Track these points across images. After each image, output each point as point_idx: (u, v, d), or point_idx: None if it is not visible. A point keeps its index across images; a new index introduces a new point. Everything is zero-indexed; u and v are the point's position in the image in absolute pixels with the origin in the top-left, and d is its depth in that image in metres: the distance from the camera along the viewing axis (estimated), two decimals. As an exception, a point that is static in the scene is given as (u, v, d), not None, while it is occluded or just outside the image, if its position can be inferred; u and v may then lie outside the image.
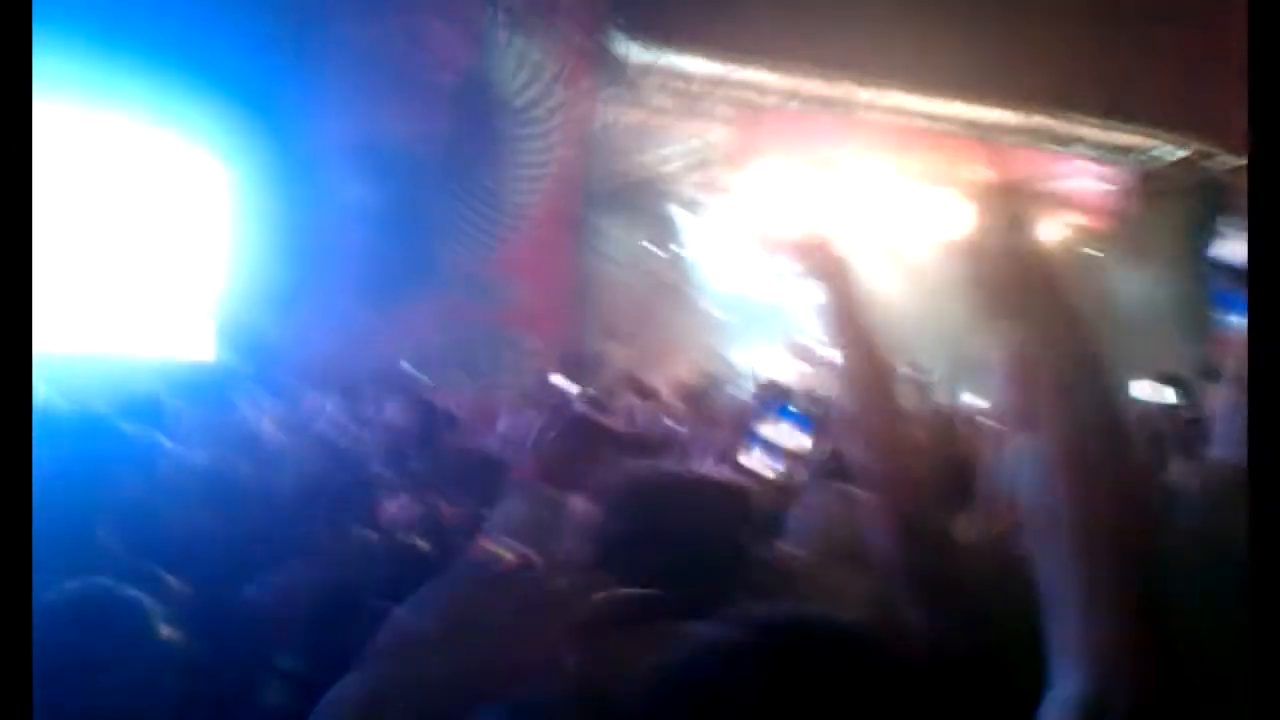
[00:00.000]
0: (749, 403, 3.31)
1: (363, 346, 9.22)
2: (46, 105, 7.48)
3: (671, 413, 5.93)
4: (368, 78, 10.26)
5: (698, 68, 12.08)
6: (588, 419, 4.65)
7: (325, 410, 6.36)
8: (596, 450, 4.12)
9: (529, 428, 5.21)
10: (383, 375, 6.95)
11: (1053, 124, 14.03)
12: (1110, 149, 14.51)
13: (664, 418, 5.72)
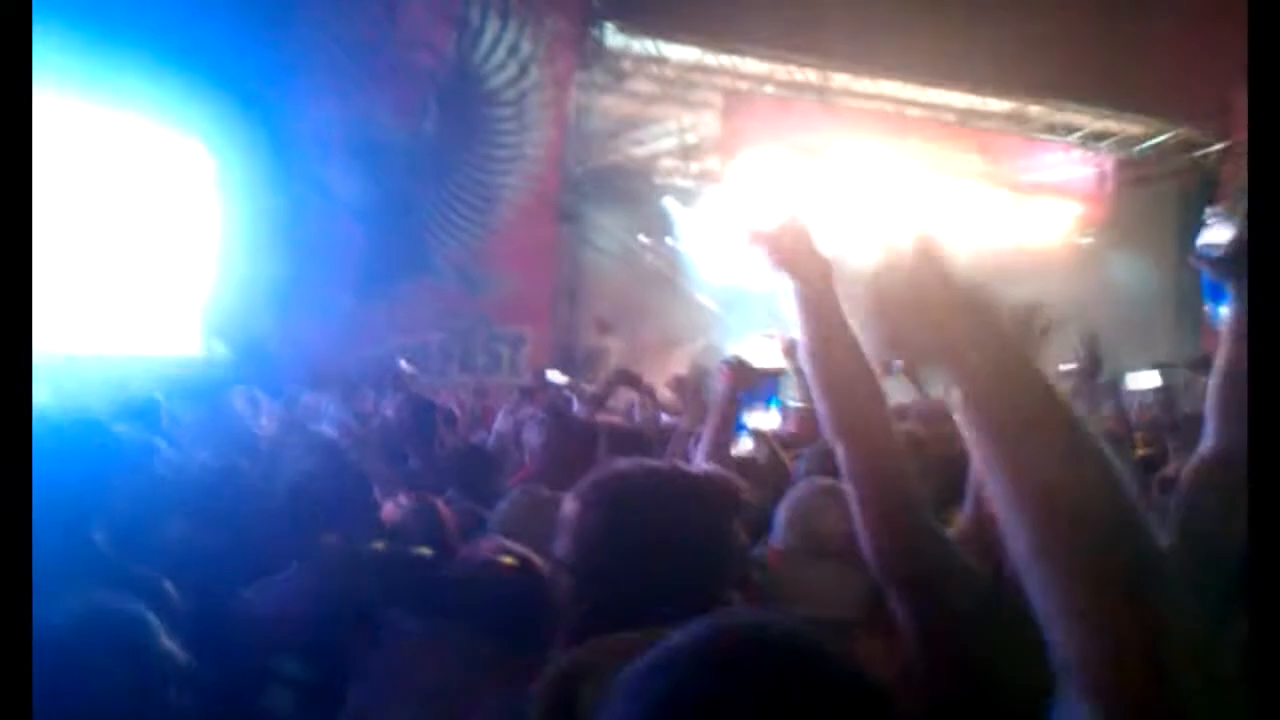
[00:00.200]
0: (735, 393, 3.27)
1: (356, 342, 9.20)
2: (35, 101, 7.45)
3: (667, 406, 5.91)
4: (351, 66, 10.22)
5: (683, 54, 12.05)
6: (588, 419, 4.65)
7: (321, 408, 6.33)
8: (594, 447, 4.13)
9: (526, 425, 5.20)
10: (378, 372, 6.93)
11: (1042, 111, 14.04)
12: (1100, 136, 14.52)
13: (660, 412, 5.71)
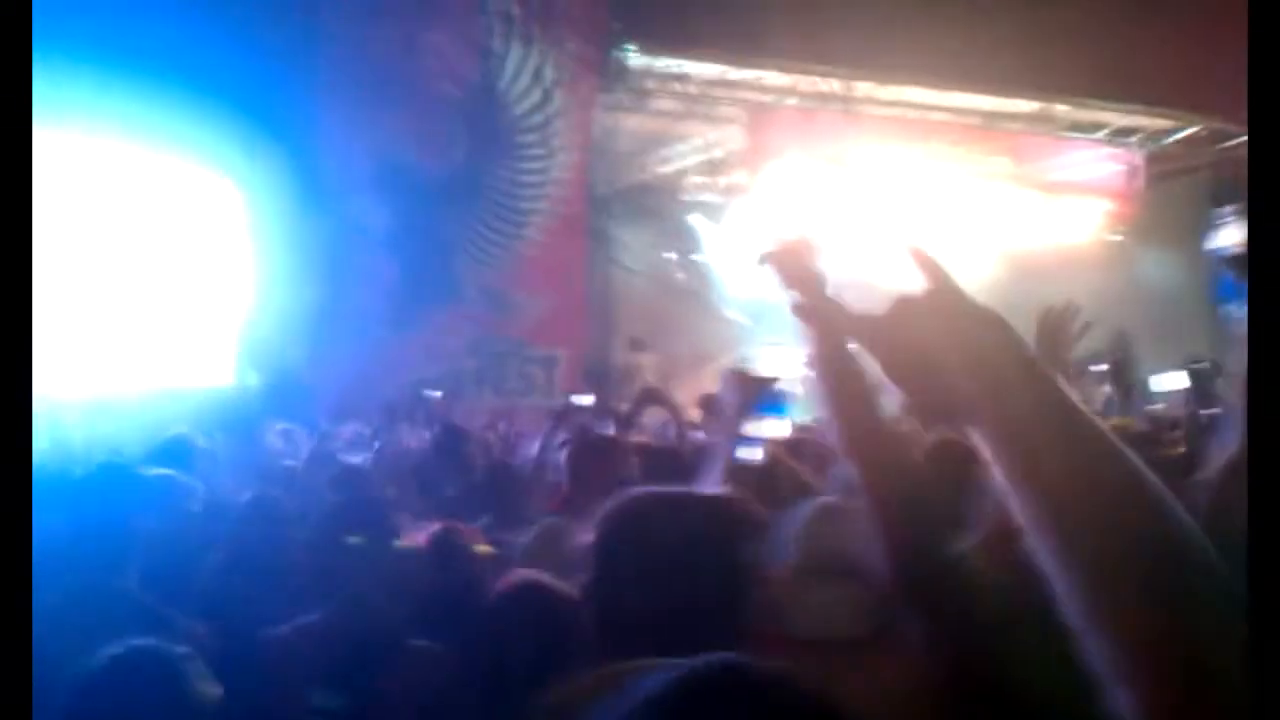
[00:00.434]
0: (744, 405, 3.21)
1: (389, 371, 9.21)
2: (62, 136, 7.55)
3: (698, 424, 5.88)
4: (377, 98, 10.27)
5: (705, 70, 12.04)
6: (616, 440, 4.62)
7: (353, 438, 6.34)
8: (624, 470, 4.09)
9: (558, 450, 5.18)
10: (411, 401, 6.93)
11: (1068, 109, 13.93)
12: (1127, 132, 14.39)
13: (691, 430, 5.67)
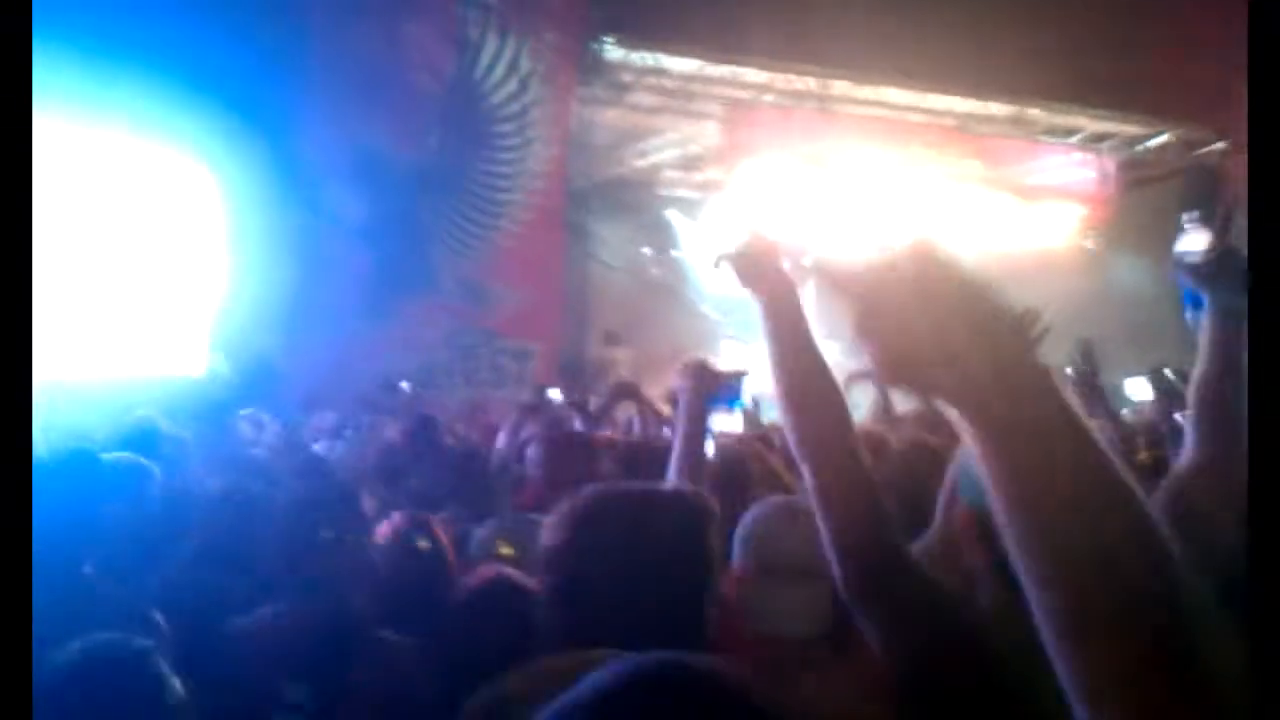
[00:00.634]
0: (700, 399, 3.21)
1: (362, 360, 9.18)
2: (37, 123, 7.46)
3: (668, 419, 5.89)
4: (353, 89, 10.22)
5: (683, 65, 12.03)
6: (587, 437, 4.63)
7: (325, 428, 6.33)
8: (596, 465, 4.11)
9: (528, 444, 5.18)
10: (378, 391, 6.92)
11: (1043, 114, 14.01)
12: (1101, 137, 14.48)
13: (664, 424, 5.68)
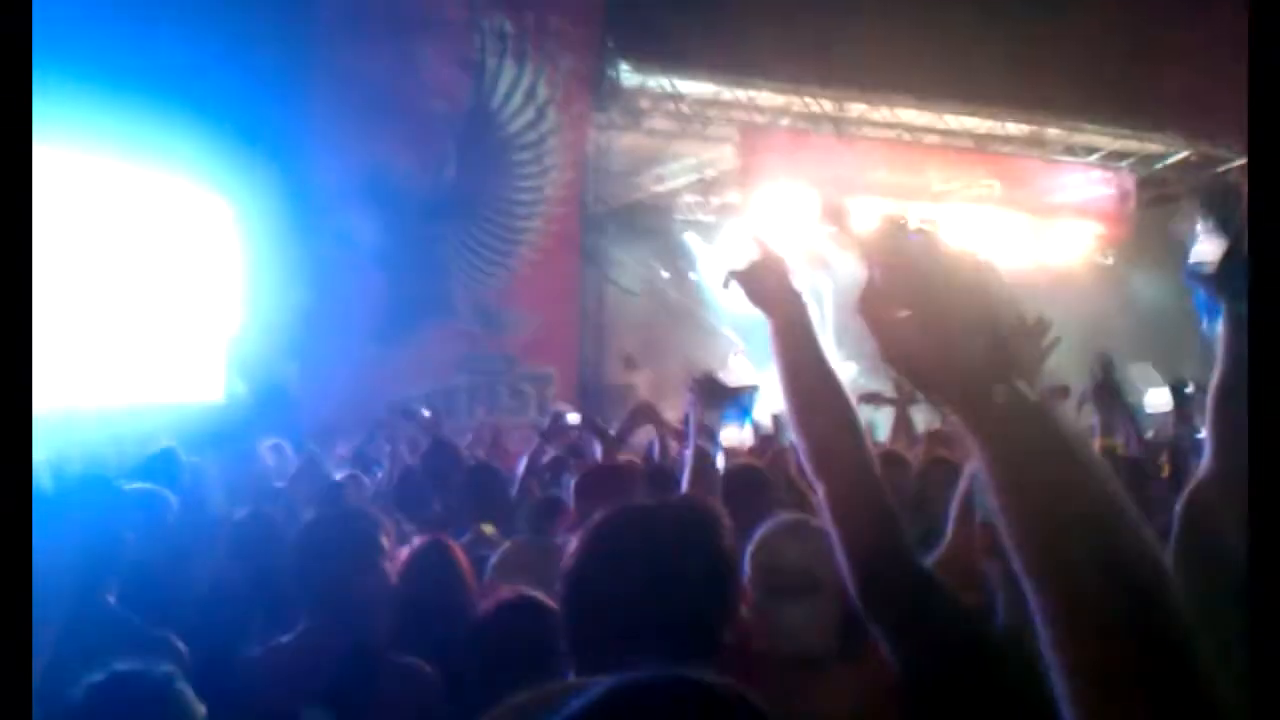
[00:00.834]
0: (709, 413, 3.21)
1: (381, 388, 9.18)
2: (51, 151, 7.50)
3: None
4: (370, 116, 10.26)
5: (698, 90, 12.06)
6: (623, 465, 4.60)
7: (344, 455, 6.32)
8: (632, 492, 4.07)
9: (549, 468, 5.16)
10: (398, 418, 6.90)
11: (1060, 133, 13.98)
12: (1119, 155, 14.44)
13: (684, 448, 5.64)
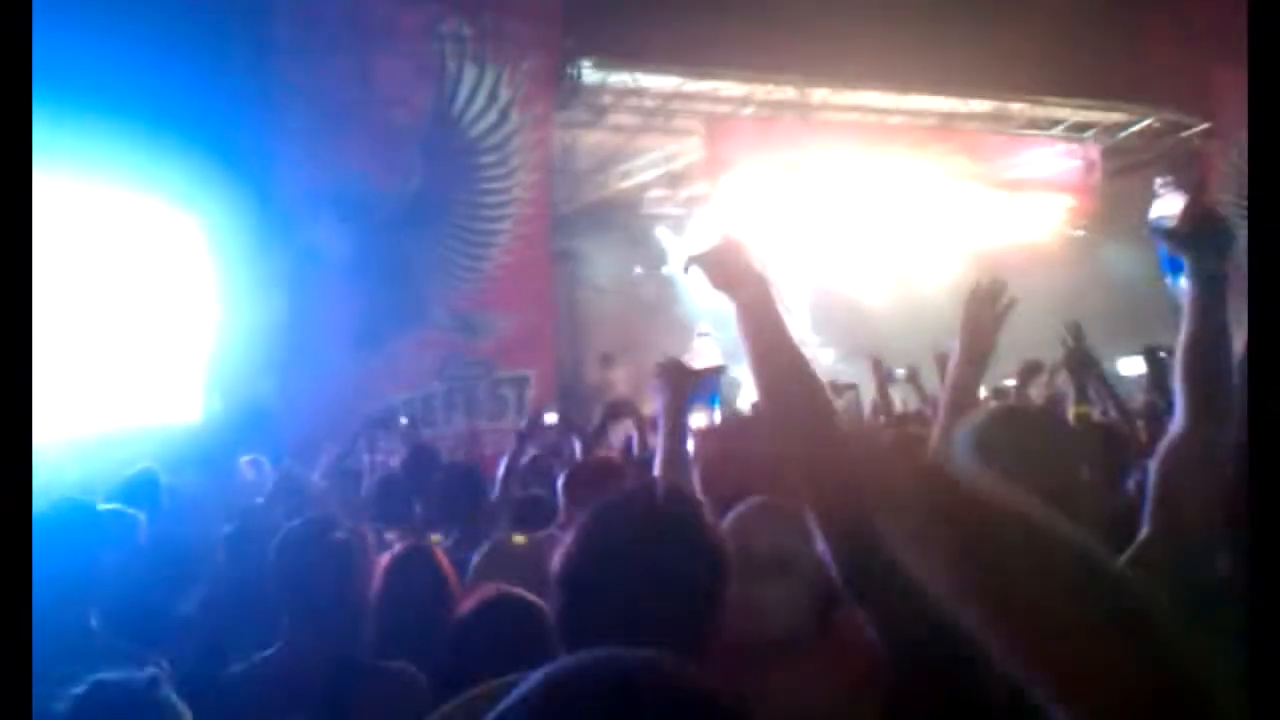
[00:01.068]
0: (678, 397, 3.21)
1: (358, 399, 9.16)
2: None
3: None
4: (329, 126, 10.22)
5: (661, 84, 12.07)
6: (611, 462, 4.61)
7: (323, 466, 6.32)
8: (610, 483, 4.09)
9: (529, 468, 5.17)
10: (379, 425, 6.91)
11: (1023, 107, 14.05)
12: (1083, 127, 14.52)
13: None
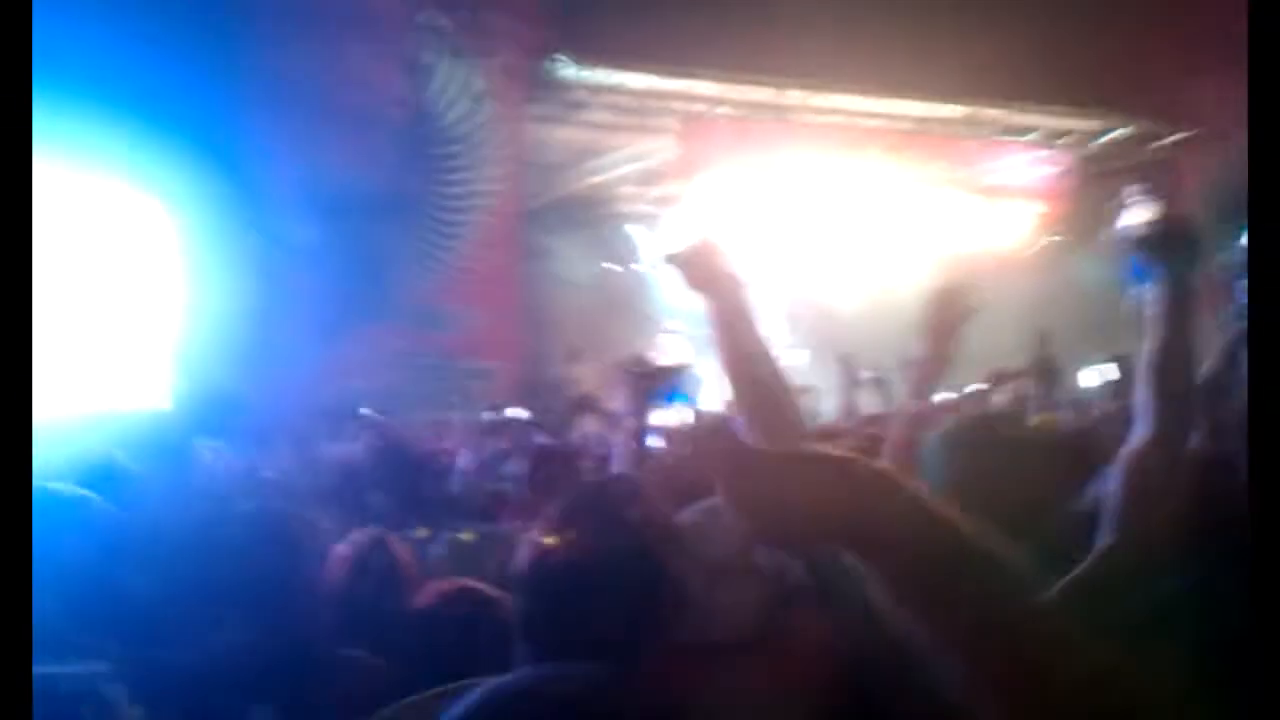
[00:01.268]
0: (641, 395, 3.21)
1: (323, 387, 9.10)
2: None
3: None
4: (301, 113, 10.15)
5: (636, 81, 12.07)
6: (570, 450, 4.61)
7: (284, 454, 6.25)
8: (563, 482, 4.08)
9: (495, 461, 5.15)
10: (342, 416, 6.86)
11: (999, 113, 14.12)
12: (1057, 134, 14.62)
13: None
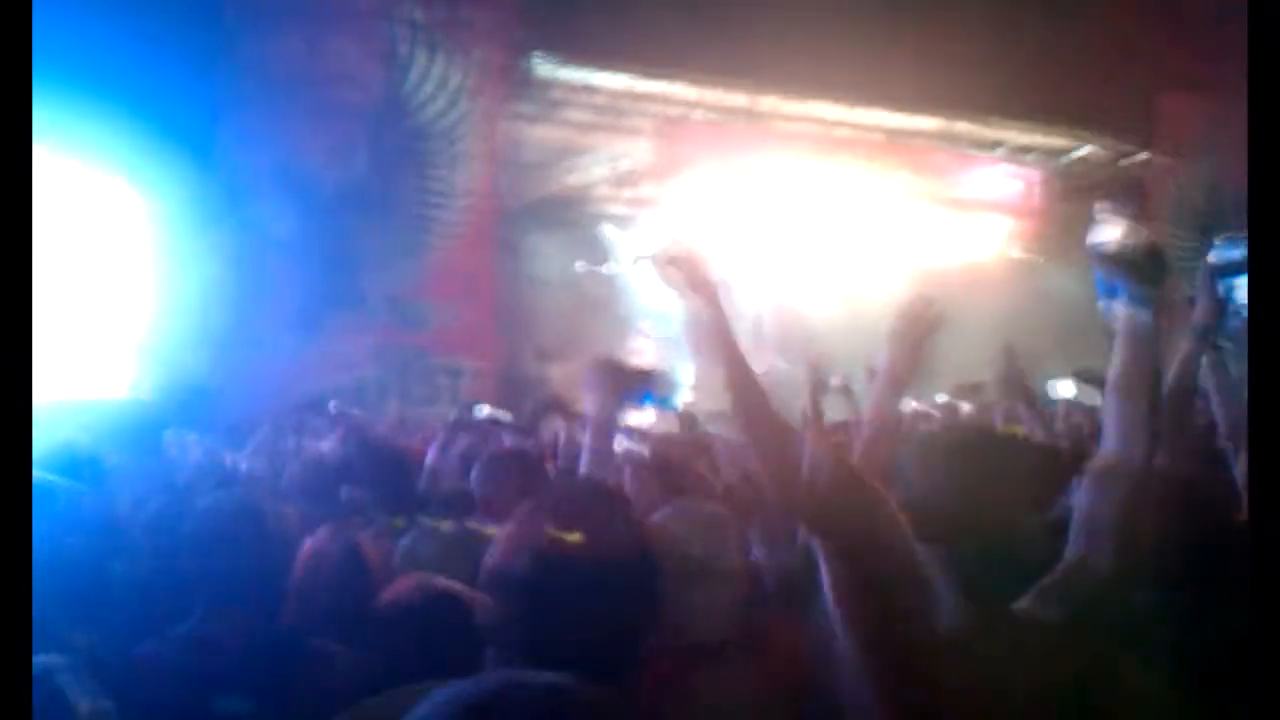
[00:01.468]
0: (610, 398, 3.20)
1: (293, 380, 9.09)
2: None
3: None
4: (277, 104, 10.13)
5: (613, 82, 12.12)
6: (526, 452, 4.62)
7: (252, 446, 6.27)
8: (528, 481, 4.11)
9: (460, 459, 5.18)
10: (313, 409, 6.87)
11: (970, 127, 14.23)
12: (1026, 150, 14.74)
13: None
